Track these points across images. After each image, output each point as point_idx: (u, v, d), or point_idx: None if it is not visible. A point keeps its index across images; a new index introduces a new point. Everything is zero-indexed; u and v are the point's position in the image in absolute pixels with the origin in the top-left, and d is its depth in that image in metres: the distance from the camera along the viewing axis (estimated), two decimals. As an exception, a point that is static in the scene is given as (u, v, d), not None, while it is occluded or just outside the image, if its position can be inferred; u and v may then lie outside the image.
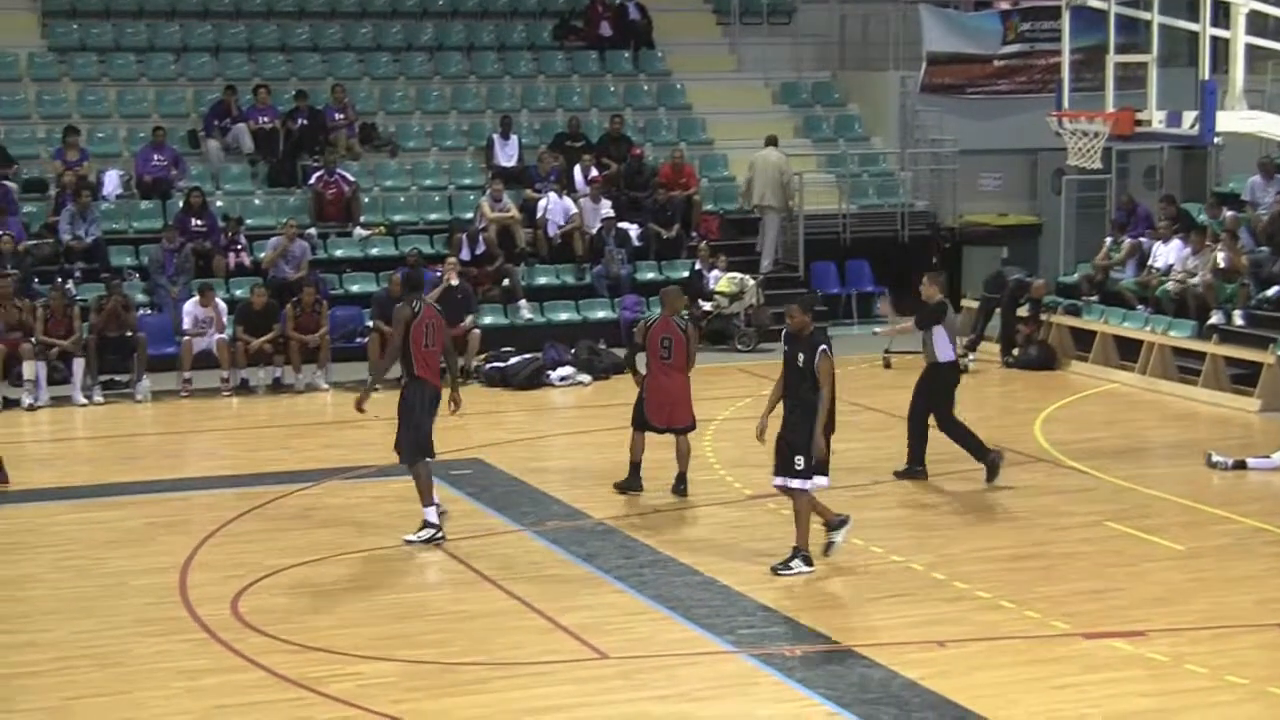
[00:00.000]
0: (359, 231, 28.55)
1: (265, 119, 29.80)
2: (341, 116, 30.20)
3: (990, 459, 18.20)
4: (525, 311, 27.55)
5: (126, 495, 18.08)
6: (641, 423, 17.79)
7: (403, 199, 29.84)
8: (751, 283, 28.00)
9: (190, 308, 24.51)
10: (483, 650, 12.87)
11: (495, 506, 17.41)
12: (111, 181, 28.45)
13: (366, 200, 29.22)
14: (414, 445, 15.90)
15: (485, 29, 33.95)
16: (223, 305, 24.74)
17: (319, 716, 11.49)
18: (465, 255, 27.31)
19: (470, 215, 28.81)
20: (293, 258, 26.44)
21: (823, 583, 14.62)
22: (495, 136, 30.40)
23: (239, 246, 27.32)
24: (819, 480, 14.87)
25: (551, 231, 28.87)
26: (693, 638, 13.16)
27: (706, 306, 27.66)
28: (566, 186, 29.47)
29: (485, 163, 30.39)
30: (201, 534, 16.21)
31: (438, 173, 30.68)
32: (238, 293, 26.08)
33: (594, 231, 28.84)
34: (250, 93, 30.17)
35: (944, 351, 18.29)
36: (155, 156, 28.72)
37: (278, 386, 24.50)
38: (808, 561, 14.80)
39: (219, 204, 28.36)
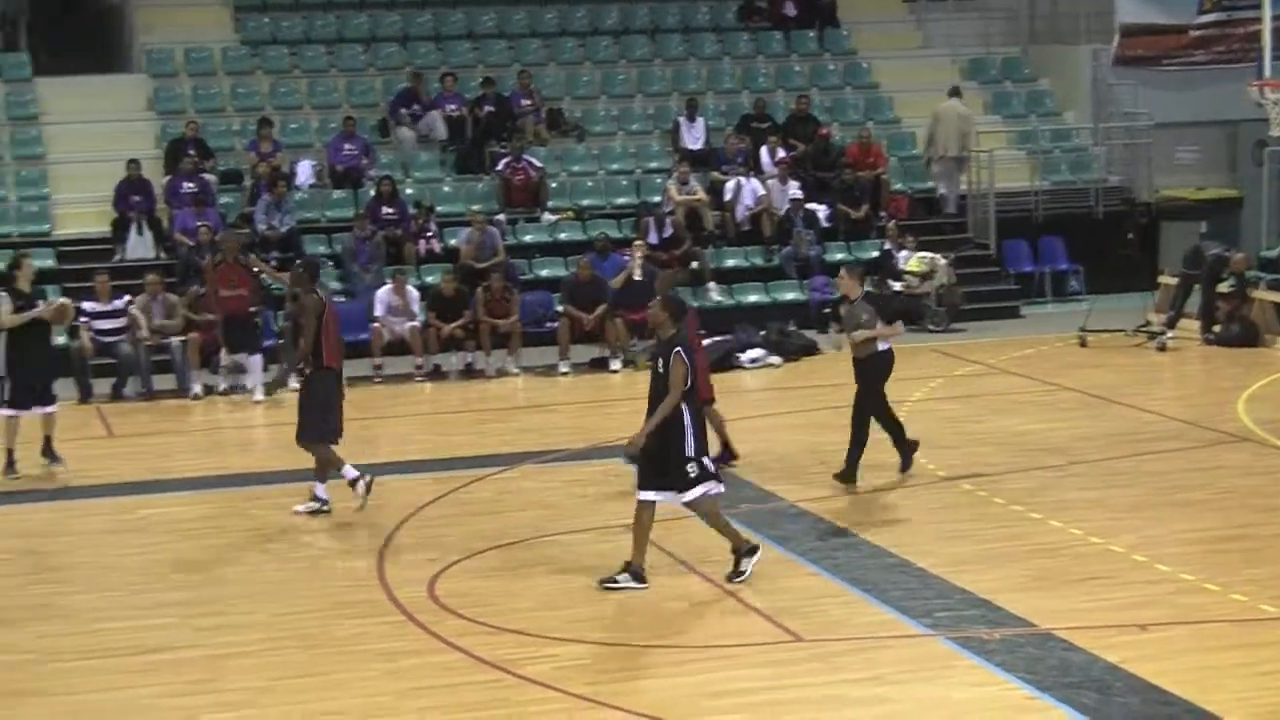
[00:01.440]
0: (547, 216, 28.69)
1: (452, 106, 30.03)
2: (528, 102, 30.35)
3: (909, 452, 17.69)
4: (714, 294, 27.50)
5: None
6: None
7: (590, 183, 29.91)
8: (942, 262, 27.71)
9: (383, 295, 24.79)
10: (676, 633, 12.86)
11: (687, 489, 17.36)
12: (305, 171, 28.84)
13: (554, 185, 29.34)
14: (316, 429, 16.56)
15: (670, 11, 33.90)
16: (414, 292, 24.98)
17: (515, 698, 11.52)
18: (653, 239, 27.31)
19: (657, 199, 28.80)
20: (486, 247, 26.60)
21: (1019, 565, 14.40)
22: (681, 119, 30.37)
23: (429, 233, 27.57)
24: (712, 487, 13.87)
25: (739, 214, 28.80)
26: (888, 620, 13.04)
27: (897, 286, 27.42)
28: (753, 168, 29.37)
29: (672, 146, 30.37)
30: (397, 518, 16.36)
31: (624, 156, 30.72)
32: (429, 279, 26.32)
33: (782, 213, 28.73)
34: (437, 80, 30.43)
35: (883, 341, 17.42)
36: (346, 146, 29.07)
37: (469, 372, 24.69)
38: (753, 552, 14.11)
39: (409, 191, 28.64)
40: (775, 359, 24.89)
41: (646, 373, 15.10)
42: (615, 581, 13.88)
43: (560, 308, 25.26)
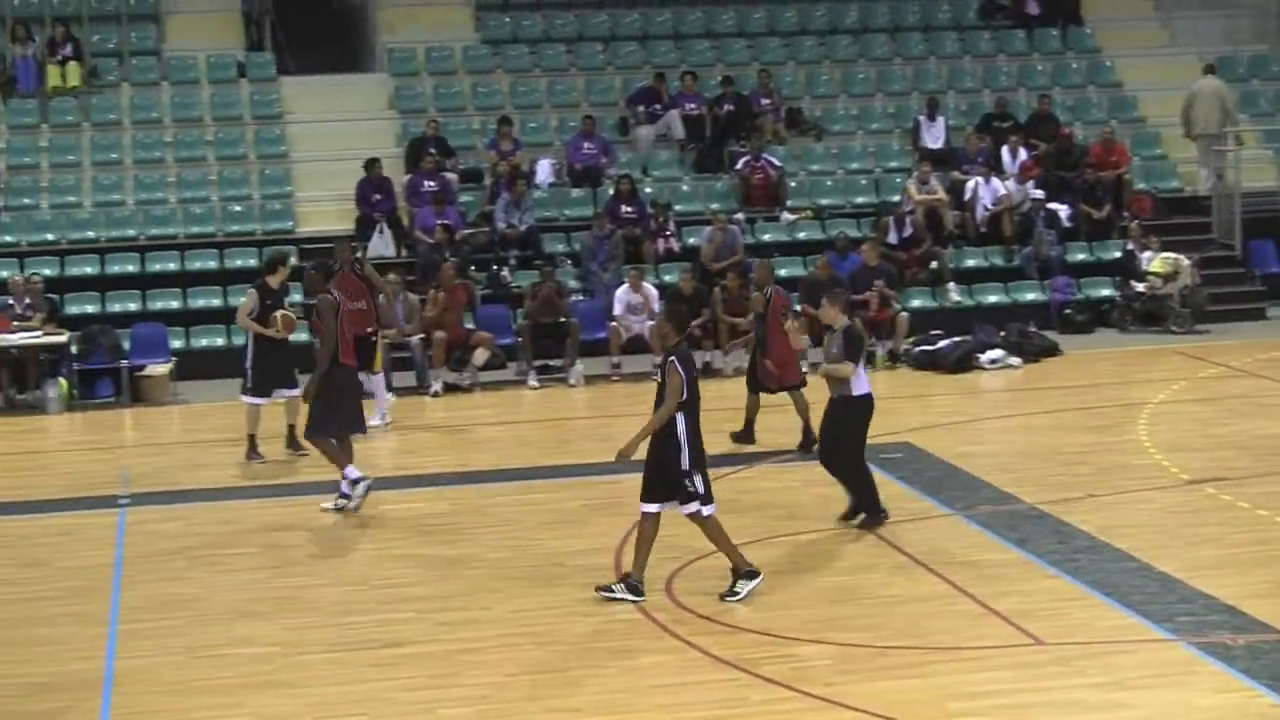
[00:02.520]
0: (786, 216, 28.63)
1: (692, 105, 30.12)
2: (768, 101, 30.33)
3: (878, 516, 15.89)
4: (954, 294, 27.25)
5: (561, 478, 18.45)
6: (756, 385, 19.43)
7: (829, 182, 29.80)
8: (1186, 263, 27.14)
9: (621, 294, 24.92)
10: (915, 635, 12.74)
11: (926, 490, 17.23)
12: (544, 170, 29.10)
13: (793, 184, 29.28)
14: (322, 426, 16.84)
15: (910, 9, 33.63)
16: (652, 290, 25.07)
17: (753, 697, 11.51)
18: (893, 238, 27.15)
19: (897, 198, 28.62)
20: (726, 246, 26.61)
21: (1265, 570, 14.06)
22: (921, 118, 30.14)
23: (668, 232, 27.66)
24: (705, 507, 13.68)
25: (979, 214, 28.49)
26: (1129, 625, 12.81)
27: (1140, 287, 26.95)
28: (994, 168, 29.04)
29: (912, 145, 30.14)
30: (633, 517, 16.32)
31: (864, 156, 30.56)
32: (666, 278, 26.42)
33: (1023, 213, 28.37)
34: (677, 79, 30.53)
35: (860, 383, 15.72)
36: (585, 145, 29.28)
37: (706, 370, 24.69)
38: (753, 576, 13.77)
39: (647, 190, 28.75)
40: (1015, 360, 24.57)
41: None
42: (611, 591, 13.72)
43: (798, 307, 25.15)
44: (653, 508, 13.68)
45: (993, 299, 27.48)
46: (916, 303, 26.64)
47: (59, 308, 25.14)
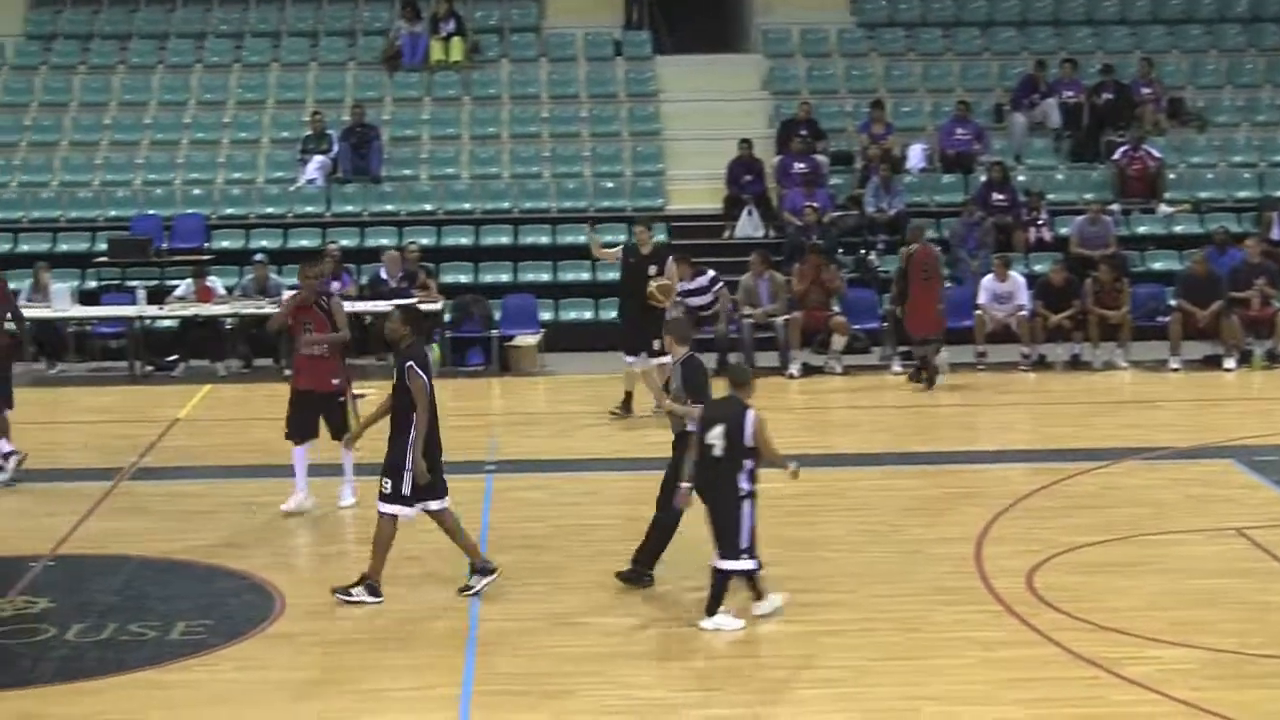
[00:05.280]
0: (1163, 208, 27.92)
1: (1070, 93, 29.55)
2: (1149, 91, 29.61)
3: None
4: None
5: (923, 465, 18.25)
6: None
7: (1210, 175, 28.96)
8: None
9: (988, 282, 24.55)
10: (1289, 644, 12.28)
11: (1304, 496, 16.63)
12: (916, 155, 28.85)
13: (1172, 176, 28.54)
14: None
15: (1291, -2, 32.51)
16: (1020, 279, 24.64)
17: (1113, 697, 11.21)
18: (1276, 234, 26.25)
19: (1280, 193, 27.71)
20: (1099, 237, 26.05)
21: None
22: (1311, 110, 29.12)
23: (1040, 221, 27.18)
24: (403, 510, 13.27)
25: (1370, 210, 27.40)
26: None
27: None
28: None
29: (1301, 138, 29.17)
30: (996, 507, 16.15)
31: (1248, 149, 29.62)
32: (1037, 268, 25.98)
33: None
34: (1056, 66, 29.97)
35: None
36: (958, 130, 28.94)
37: (1075, 363, 24.23)
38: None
39: (1020, 178, 28.29)
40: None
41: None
42: (349, 594, 13.27)
43: (1173, 302, 24.52)
44: (388, 508, 13.31)
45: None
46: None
47: (434, 276, 25.76)
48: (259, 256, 25.67)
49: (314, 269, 16.78)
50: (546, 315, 25.82)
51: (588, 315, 26.13)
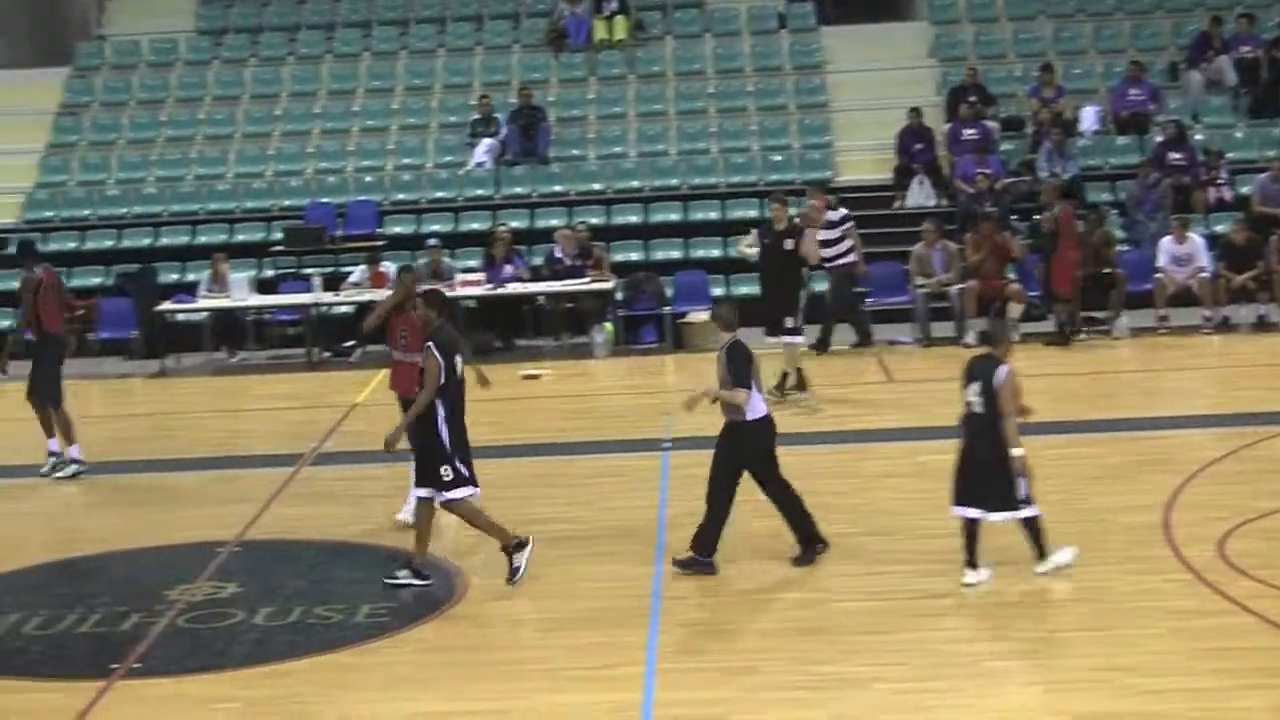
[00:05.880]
0: (1347, 163, 27.22)
1: (1247, 48, 28.90)
2: (1329, 43, 28.90)
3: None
4: None
5: (1106, 432, 17.92)
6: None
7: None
8: None
9: (1166, 244, 24.10)
10: None
11: None
12: (1089, 117, 28.40)
13: (1356, 131, 27.86)
14: None
15: None
16: (1200, 241, 24.16)
17: (1314, 667, 10.94)
18: None
19: None
20: (1279, 194, 25.49)
21: None
22: None
23: (1220, 181, 26.62)
24: (469, 491, 13.24)
25: None
26: None
27: None
28: None
29: None
30: (1184, 473, 15.81)
31: None
32: (1218, 228, 25.47)
33: None
34: (1232, 21, 29.33)
35: (756, 406, 13.46)
36: (1132, 90, 28.44)
37: (1261, 324, 23.70)
38: (522, 547, 13.26)
39: (1198, 137, 27.74)
40: None
41: None
42: (395, 578, 13.32)
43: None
44: (422, 493, 13.23)
45: None
46: None
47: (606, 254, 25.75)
48: (432, 241, 25.82)
49: (411, 274, 15.80)
50: (718, 291, 25.71)
51: (757, 290, 25.86)
